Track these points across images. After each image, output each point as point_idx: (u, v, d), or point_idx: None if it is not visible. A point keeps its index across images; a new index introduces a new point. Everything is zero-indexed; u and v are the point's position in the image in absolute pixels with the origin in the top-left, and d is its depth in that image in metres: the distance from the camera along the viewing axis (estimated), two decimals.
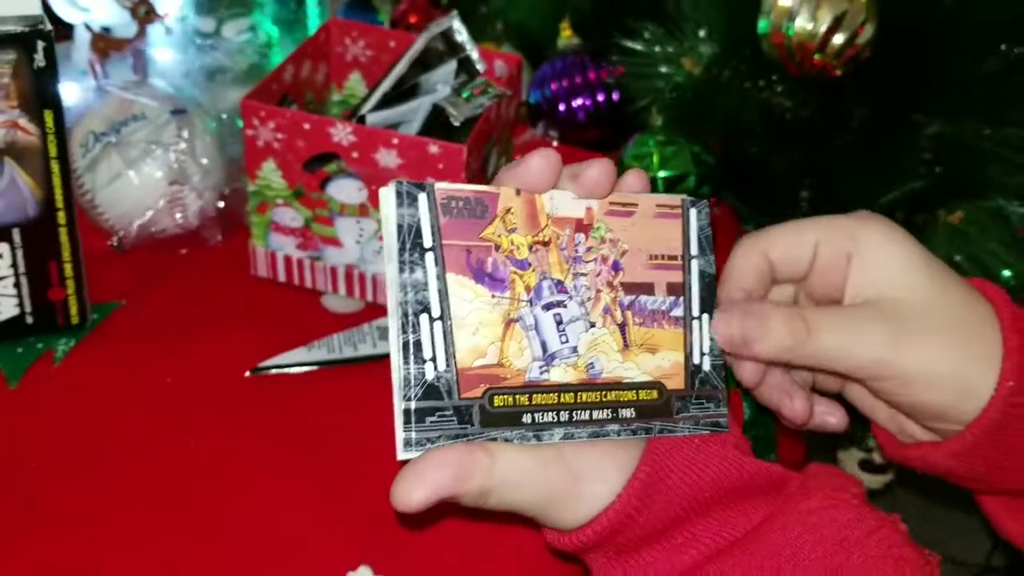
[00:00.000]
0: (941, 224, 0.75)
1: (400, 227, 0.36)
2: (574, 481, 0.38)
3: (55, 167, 0.58)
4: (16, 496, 0.52)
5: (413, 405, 0.35)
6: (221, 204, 0.71)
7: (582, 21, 0.95)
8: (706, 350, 0.42)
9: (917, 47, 0.77)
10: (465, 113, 0.65)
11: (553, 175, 0.39)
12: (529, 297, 0.38)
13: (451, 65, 0.70)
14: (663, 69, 0.81)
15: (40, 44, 0.55)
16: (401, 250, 0.35)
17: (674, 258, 0.42)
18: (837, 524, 0.37)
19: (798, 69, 0.75)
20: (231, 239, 0.72)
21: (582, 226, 0.40)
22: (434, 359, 0.35)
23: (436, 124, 0.67)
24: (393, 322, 0.36)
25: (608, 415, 0.39)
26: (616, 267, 0.40)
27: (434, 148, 0.61)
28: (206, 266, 0.70)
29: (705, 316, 0.42)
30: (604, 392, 0.39)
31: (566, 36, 0.96)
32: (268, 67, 0.82)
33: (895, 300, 0.40)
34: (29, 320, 0.61)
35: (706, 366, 0.41)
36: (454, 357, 0.36)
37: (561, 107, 0.88)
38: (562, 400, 0.38)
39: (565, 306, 0.39)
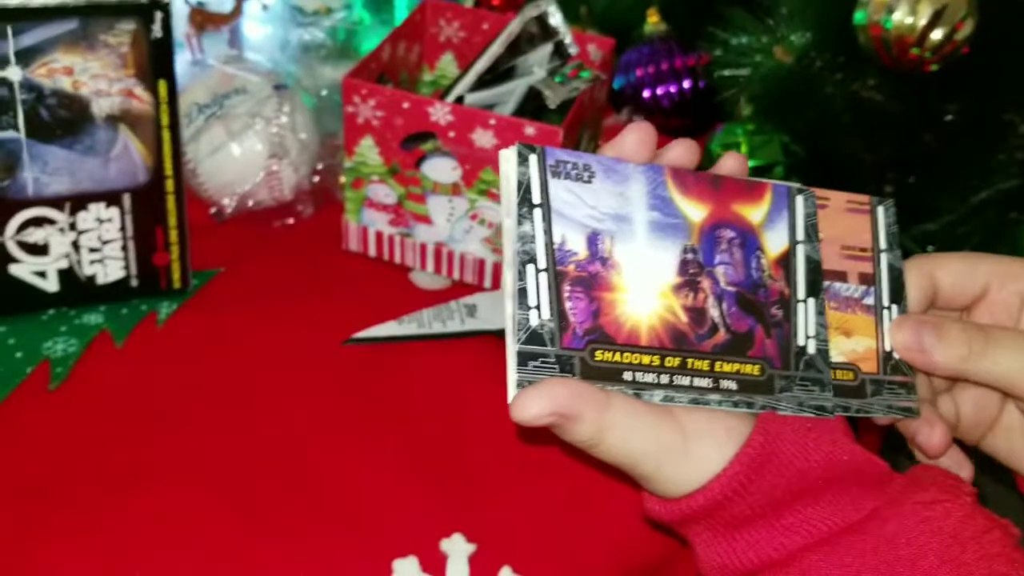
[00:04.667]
0: None
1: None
2: (684, 439, 0.37)
3: (166, 136, 0.60)
4: (123, 450, 0.54)
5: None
6: (315, 179, 0.73)
7: (670, 7, 0.94)
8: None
9: (1014, 45, 0.76)
10: (560, 96, 0.66)
11: (647, 149, 0.39)
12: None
13: (547, 48, 0.71)
14: (754, 58, 0.81)
15: (158, 15, 0.57)
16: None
17: (865, 250, 0.43)
18: (952, 518, 0.37)
19: (892, 62, 0.75)
20: (323, 213, 0.73)
21: None
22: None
23: (530, 106, 0.68)
24: (508, 270, 0.37)
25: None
26: None
27: (530, 130, 0.61)
28: (300, 238, 0.72)
29: (894, 306, 0.43)
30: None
31: (652, 22, 0.96)
32: (358, 45, 0.83)
33: None
34: (134, 283, 0.63)
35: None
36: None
37: (646, 93, 0.88)
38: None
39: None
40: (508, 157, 0.38)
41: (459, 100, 0.67)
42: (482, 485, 0.53)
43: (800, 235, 0.42)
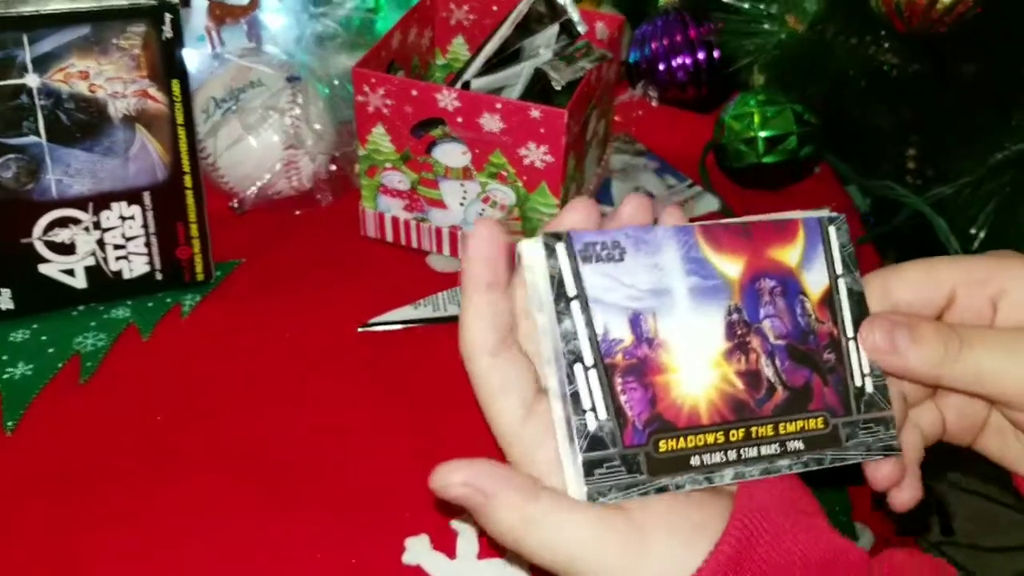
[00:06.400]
0: None
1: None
2: (638, 533, 0.34)
3: (182, 133, 0.62)
4: (152, 439, 0.56)
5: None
6: (332, 167, 0.74)
7: None
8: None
9: None
10: (566, 77, 0.67)
11: (495, 242, 0.36)
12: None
13: (553, 28, 0.71)
14: (766, 26, 0.81)
15: (168, 17, 0.59)
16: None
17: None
18: None
19: (905, 26, 0.74)
20: (341, 201, 0.75)
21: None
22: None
23: (538, 88, 0.69)
24: (548, 369, 0.35)
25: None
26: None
27: (535, 112, 0.62)
28: (318, 226, 0.73)
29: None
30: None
31: None
32: (375, 31, 0.84)
33: None
34: (159, 277, 0.65)
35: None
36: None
37: (661, 66, 0.88)
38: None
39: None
40: (532, 250, 0.35)
41: (466, 85, 0.68)
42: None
43: (839, 268, 0.40)
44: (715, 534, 0.34)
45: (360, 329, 0.65)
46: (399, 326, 0.65)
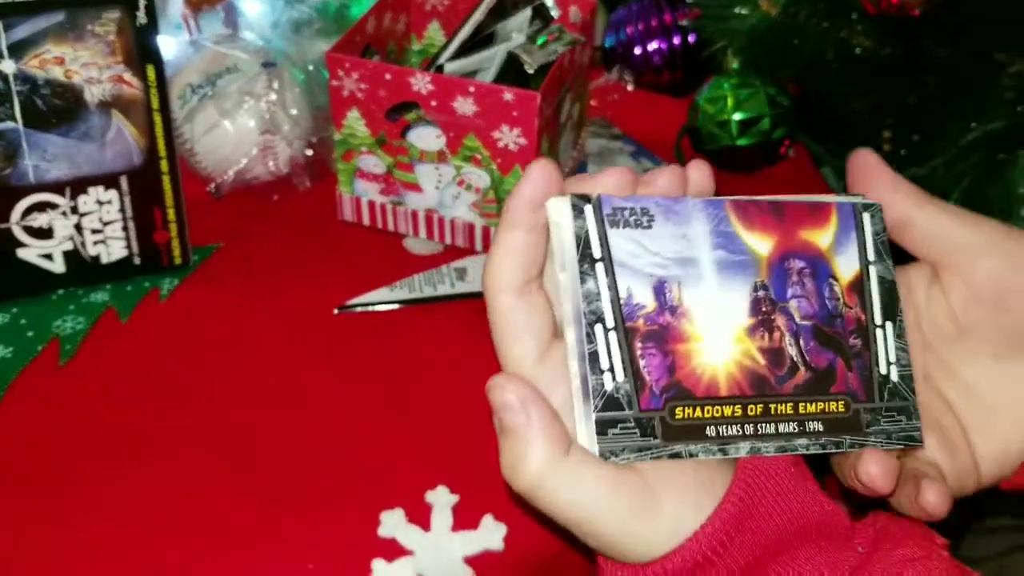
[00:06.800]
0: (1021, 164, 0.75)
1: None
2: (653, 494, 0.35)
3: (157, 118, 0.63)
4: (130, 421, 0.57)
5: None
6: (309, 152, 0.75)
7: None
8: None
9: None
10: (539, 60, 0.67)
11: (549, 187, 0.36)
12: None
13: (526, 12, 0.72)
14: (739, 10, 0.82)
15: (142, 3, 0.59)
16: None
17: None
18: (935, 573, 0.36)
19: (875, 8, 0.75)
20: (319, 185, 0.76)
21: None
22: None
23: (511, 72, 0.69)
24: (569, 329, 0.36)
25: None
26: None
27: (508, 95, 0.63)
28: (296, 211, 0.74)
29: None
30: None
31: None
32: (351, 17, 0.85)
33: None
34: (136, 261, 0.66)
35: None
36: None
37: (636, 51, 0.89)
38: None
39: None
40: (560, 208, 0.36)
41: (439, 69, 0.69)
42: (467, 442, 0.56)
43: (871, 255, 0.40)
44: (720, 493, 0.35)
45: (337, 311, 0.65)
46: (376, 308, 0.66)
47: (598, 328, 0.35)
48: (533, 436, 0.34)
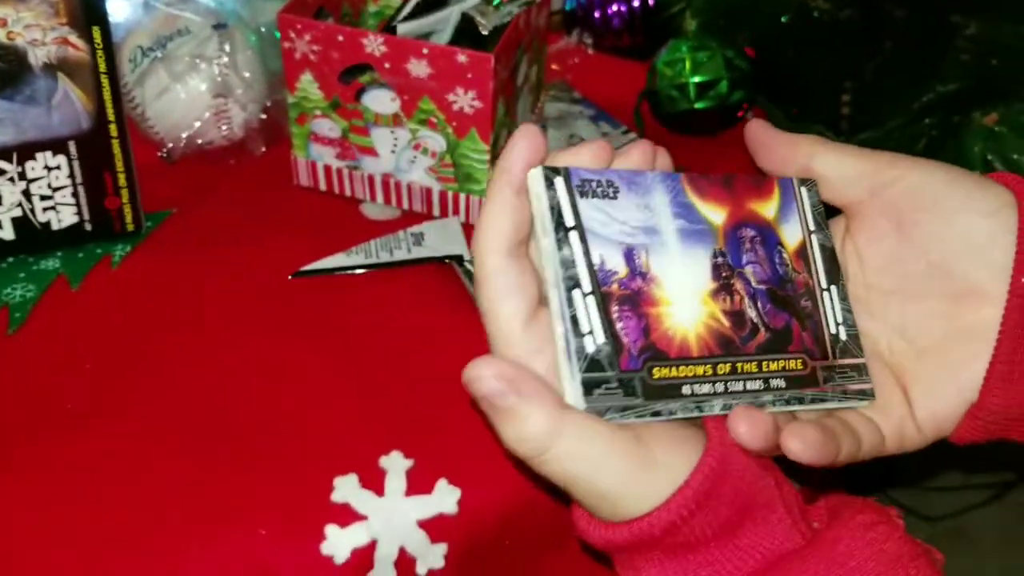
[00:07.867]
0: (976, 125, 0.75)
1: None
2: (646, 447, 0.36)
3: (105, 81, 0.61)
4: (81, 389, 0.57)
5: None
6: (264, 116, 0.74)
7: None
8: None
9: None
10: (493, 21, 0.67)
11: (536, 152, 0.37)
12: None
13: None
14: None
15: None
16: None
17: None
18: (892, 541, 0.37)
19: None
20: (274, 150, 0.75)
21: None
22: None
23: (467, 34, 0.69)
24: (551, 291, 0.37)
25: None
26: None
27: (462, 57, 0.62)
28: (251, 176, 0.73)
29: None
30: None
31: None
32: None
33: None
34: (88, 227, 0.65)
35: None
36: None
37: (596, 14, 0.88)
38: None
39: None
40: (536, 179, 0.37)
41: (392, 30, 0.68)
42: (422, 407, 0.56)
43: (812, 225, 0.43)
44: (697, 448, 0.37)
45: (292, 277, 0.65)
46: (332, 273, 0.66)
47: (576, 293, 0.36)
48: (530, 407, 0.35)
